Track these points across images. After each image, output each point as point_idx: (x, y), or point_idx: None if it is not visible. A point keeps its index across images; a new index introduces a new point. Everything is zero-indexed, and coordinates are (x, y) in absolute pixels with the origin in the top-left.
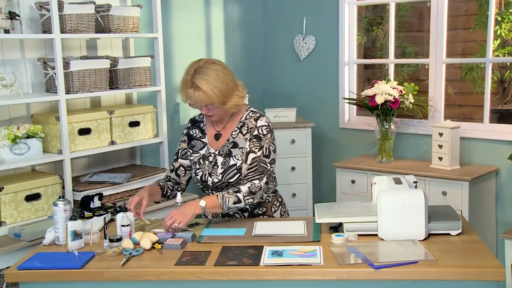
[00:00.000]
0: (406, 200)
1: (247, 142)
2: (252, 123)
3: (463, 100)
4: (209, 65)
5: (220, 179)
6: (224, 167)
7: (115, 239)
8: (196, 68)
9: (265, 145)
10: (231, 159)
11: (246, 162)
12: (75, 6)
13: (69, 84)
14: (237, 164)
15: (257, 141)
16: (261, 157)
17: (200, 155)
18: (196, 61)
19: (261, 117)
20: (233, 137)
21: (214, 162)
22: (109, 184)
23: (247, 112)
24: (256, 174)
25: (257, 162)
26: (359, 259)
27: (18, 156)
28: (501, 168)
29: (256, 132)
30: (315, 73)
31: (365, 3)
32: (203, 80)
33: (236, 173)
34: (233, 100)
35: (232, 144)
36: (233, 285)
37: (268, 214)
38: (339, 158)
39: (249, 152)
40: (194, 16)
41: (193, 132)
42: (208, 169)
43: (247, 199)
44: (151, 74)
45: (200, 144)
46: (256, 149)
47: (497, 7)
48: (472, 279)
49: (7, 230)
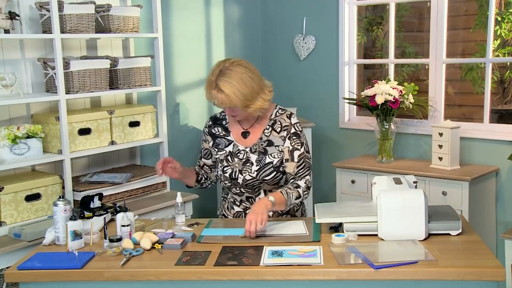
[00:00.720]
0: (406, 200)
1: (286, 140)
2: (286, 121)
3: (463, 100)
4: (235, 67)
5: (254, 177)
6: (260, 164)
7: (115, 239)
8: (221, 69)
9: (304, 141)
10: (267, 157)
11: (293, 160)
12: (75, 6)
13: (69, 84)
14: (274, 162)
15: (297, 138)
16: (305, 153)
17: (227, 152)
18: (222, 61)
19: (292, 114)
20: (266, 135)
21: (245, 160)
22: (109, 184)
23: (276, 110)
24: (305, 170)
25: (303, 158)
26: (359, 259)
27: (18, 156)
28: (501, 168)
29: (293, 130)
30: (315, 73)
31: (365, 3)
32: (227, 83)
33: (272, 171)
34: (257, 103)
35: (266, 142)
36: (233, 285)
37: (291, 213)
38: (339, 158)
39: (293, 150)
40: (194, 16)
41: (215, 131)
42: (239, 166)
43: (305, 194)
44: (151, 74)
45: (225, 141)
46: (299, 146)
47: (497, 7)
48: (472, 279)
49: (7, 230)
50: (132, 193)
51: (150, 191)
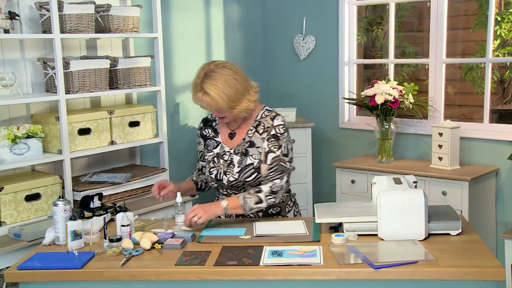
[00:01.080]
0: (406, 200)
1: (265, 141)
2: (268, 122)
3: (463, 100)
4: (220, 69)
5: (236, 178)
6: (241, 166)
7: (115, 239)
8: (206, 72)
9: (283, 144)
10: (248, 158)
11: (266, 162)
12: (75, 6)
13: (69, 84)
14: (254, 164)
15: (275, 140)
16: (281, 156)
17: (214, 154)
18: (207, 63)
19: (277, 116)
20: (250, 136)
21: (229, 161)
22: (109, 184)
23: (262, 111)
24: (276, 173)
25: (277, 161)
26: (359, 259)
27: (18, 156)
28: (501, 168)
29: (274, 132)
30: (315, 73)
31: (365, 3)
32: (212, 85)
33: (253, 172)
34: (242, 105)
35: (248, 143)
36: (233, 285)
37: (282, 214)
38: (339, 158)
39: (268, 152)
40: (194, 16)
41: (206, 132)
42: (223, 168)
43: (269, 198)
44: (151, 74)
45: (214, 143)
46: (275, 148)
47: (497, 7)
48: (472, 279)
49: (7, 230)
50: (132, 193)
51: (150, 191)
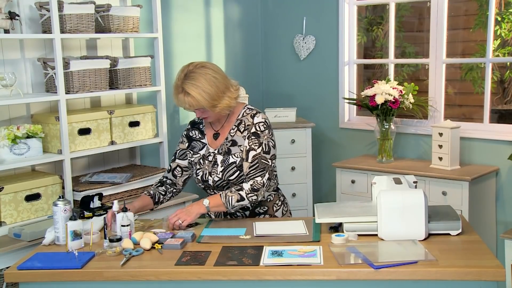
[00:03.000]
0: (406, 200)
1: (246, 140)
2: (249, 120)
3: (463, 100)
4: (199, 69)
5: (220, 178)
6: (224, 165)
7: (115, 239)
8: (186, 73)
9: (264, 141)
10: (230, 157)
11: (247, 160)
12: (75, 6)
13: (69, 84)
14: (237, 162)
15: (255, 138)
16: (261, 153)
17: (200, 156)
18: (186, 65)
19: (257, 113)
20: (231, 135)
21: (214, 161)
22: (109, 184)
23: (244, 110)
24: (257, 171)
25: (258, 159)
26: (359, 259)
27: (18, 156)
28: (501, 168)
29: (254, 129)
30: (315, 73)
31: (365, 3)
32: (192, 85)
33: (236, 170)
34: (223, 102)
35: (231, 142)
36: (233, 285)
37: (270, 213)
38: (339, 158)
39: (249, 150)
40: (194, 16)
41: (192, 134)
42: (208, 169)
43: (250, 196)
44: (151, 74)
45: (200, 145)
46: (256, 146)
47: (497, 7)
48: (472, 279)
49: (7, 230)
50: (132, 193)
51: None
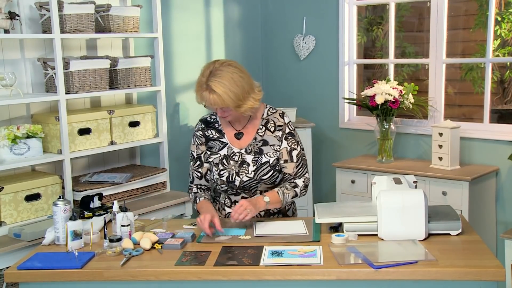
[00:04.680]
0: (406, 200)
1: (283, 141)
2: (279, 120)
3: (463, 100)
4: (225, 67)
5: (251, 177)
6: (257, 164)
7: (115, 239)
8: (211, 70)
9: (298, 139)
10: (263, 156)
11: (293, 161)
12: (75, 6)
13: (69, 84)
14: (270, 161)
15: (292, 138)
16: (301, 151)
17: (221, 156)
18: (211, 62)
19: (284, 113)
20: (261, 135)
21: (241, 161)
22: (109, 184)
23: (267, 109)
24: (303, 168)
25: (301, 157)
26: (359, 259)
27: (18, 156)
28: (501, 168)
29: (288, 130)
30: (315, 73)
31: (365, 3)
32: (218, 83)
33: (269, 170)
34: (248, 103)
35: (262, 142)
36: (233, 285)
37: (283, 212)
38: (339, 158)
39: (291, 150)
40: (194, 16)
41: (209, 133)
42: (235, 169)
43: (303, 192)
44: (151, 74)
45: (219, 144)
46: (295, 145)
47: (497, 7)
48: (472, 279)
49: (7, 230)
50: (132, 193)
51: (150, 191)
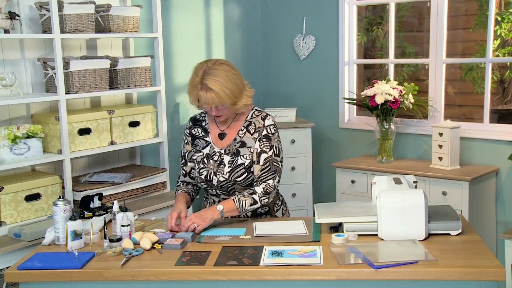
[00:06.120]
0: (406, 200)
1: (257, 142)
2: (259, 122)
3: (463, 100)
4: (218, 65)
5: (226, 178)
6: (232, 166)
7: (115, 239)
8: (205, 69)
9: (274, 144)
10: (239, 158)
11: (259, 163)
12: (75, 6)
13: (69, 84)
14: (245, 164)
15: (267, 140)
16: (273, 156)
17: (204, 154)
18: (203, 62)
19: (267, 116)
20: (240, 136)
21: (219, 161)
22: (109, 184)
23: (252, 111)
24: (269, 174)
25: (270, 162)
26: (359, 259)
27: (18, 156)
28: (501, 168)
29: (265, 132)
30: (315, 73)
31: (365, 3)
32: (214, 81)
33: (244, 172)
34: (242, 100)
35: (240, 143)
36: (233, 285)
37: (271, 214)
38: (339, 158)
39: (260, 152)
40: (194, 16)
41: (195, 132)
42: (213, 168)
43: (263, 199)
44: (151, 74)
45: (203, 143)
46: (267, 149)
47: (497, 7)
48: (472, 279)
49: (7, 230)
50: (132, 193)
51: (150, 191)
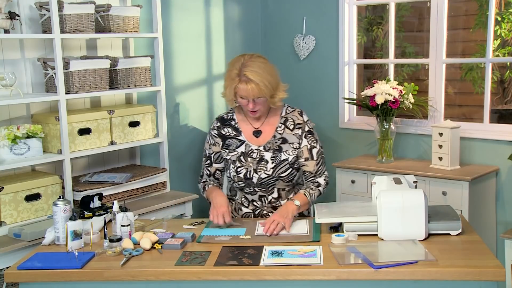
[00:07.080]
0: (406, 200)
1: (303, 139)
2: (298, 118)
3: (463, 100)
4: (255, 58)
5: (270, 174)
6: (275, 162)
7: (115, 239)
8: (242, 62)
9: (317, 137)
10: (282, 154)
11: (313, 159)
12: (75, 6)
13: (69, 84)
14: (289, 159)
15: (311, 136)
16: (320, 149)
17: (239, 153)
18: (239, 56)
19: (303, 112)
20: (280, 133)
21: (259, 158)
22: (109, 184)
23: (285, 107)
24: (323, 166)
25: (320, 155)
26: (359, 259)
27: (18, 156)
28: (501, 168)
29: (307, 128)
30: (315, 73)
31: (365, 3)
32: (255, 72)
33: (288, 167)
34: (280, 93)
35: (281, 139)
36: (233, 285)
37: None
38: (339, 158)
39: (311, 148)
40: (194, 16)
41: (225, 132)
42: (253, 166)
43: (325, 190)
44: (151, 74)
45: (236, 142)
46: (315, 143)
47: (497, 7)
48: (472, 279)
49: (7, 230)
50: (132, 193)
51: (150, 191)
